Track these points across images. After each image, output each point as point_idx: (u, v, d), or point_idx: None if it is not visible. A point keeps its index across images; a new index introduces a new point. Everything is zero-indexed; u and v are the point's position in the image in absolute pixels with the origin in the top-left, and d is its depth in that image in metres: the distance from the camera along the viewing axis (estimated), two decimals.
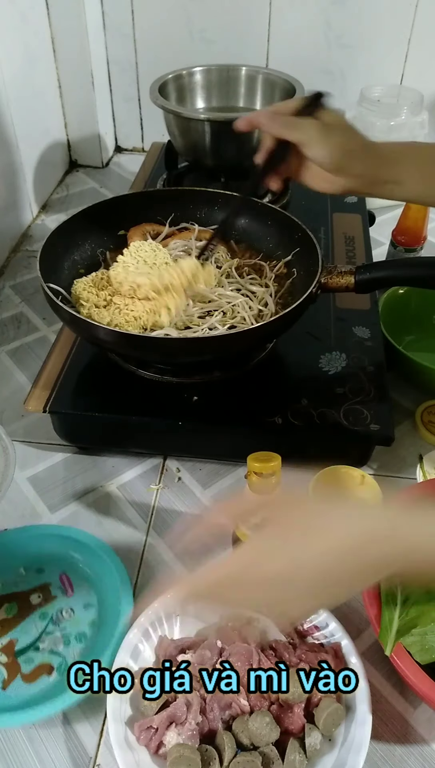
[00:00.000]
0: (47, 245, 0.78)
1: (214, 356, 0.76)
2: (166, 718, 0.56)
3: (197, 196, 0.93)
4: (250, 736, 0.55)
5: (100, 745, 0.59)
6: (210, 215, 0.94)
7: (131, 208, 0.92)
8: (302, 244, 0.84)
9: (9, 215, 1.22)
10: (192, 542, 0.54)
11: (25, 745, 0.59)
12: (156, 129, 1.54)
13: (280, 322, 0.72)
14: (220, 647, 0.62)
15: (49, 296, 0.72)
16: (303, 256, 0.84)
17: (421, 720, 0.61)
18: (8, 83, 1.15)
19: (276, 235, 0.89)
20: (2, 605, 0.67)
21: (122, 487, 0.80)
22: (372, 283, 0.78)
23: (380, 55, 1.37)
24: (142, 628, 0.62)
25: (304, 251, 0.83)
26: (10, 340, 1.02)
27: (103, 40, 1.43)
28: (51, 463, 0.83)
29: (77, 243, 0.87)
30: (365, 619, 0.67)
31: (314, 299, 0.76)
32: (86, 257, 0.88)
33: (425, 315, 1.02)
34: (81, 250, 0.88)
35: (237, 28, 1.37)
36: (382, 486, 0.74)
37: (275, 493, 0.63)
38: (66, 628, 0.66)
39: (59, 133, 1.46)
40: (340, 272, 0.77)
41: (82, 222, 0.86)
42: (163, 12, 1.38)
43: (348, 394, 0.78)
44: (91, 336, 0.72)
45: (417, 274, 0.78)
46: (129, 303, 0.76)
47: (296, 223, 0.85)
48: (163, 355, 0.74)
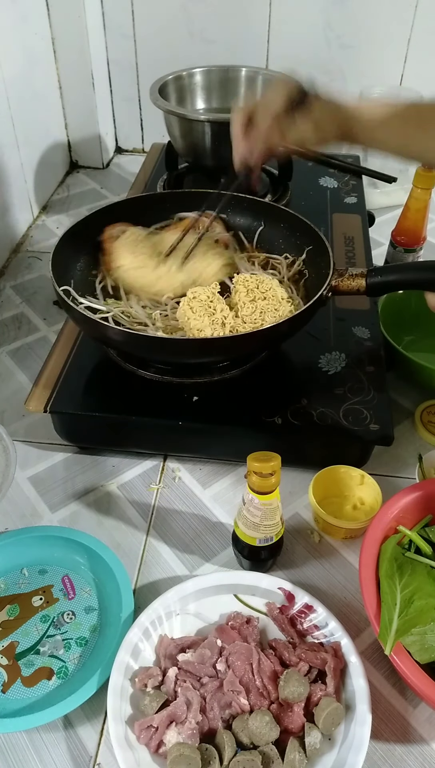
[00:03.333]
0: (59, 247, 0.79)
1: (220, 358, 0.76)
2: (166, 717, 0.56)
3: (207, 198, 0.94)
4: (250, 735, 0.56)
5: (101, 744, 0.59)
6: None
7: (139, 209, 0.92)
8: (314, 247, 0.84)
9: (9, 216, 1.22)
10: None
11: (25, 743, 0.59)
12: (156, 130, 1.54)
13: (290, 323, 0.72)
14: (220, 646, 0.62)
15: (62, 298, 0.73)
16: (315, 259, 0.84)
17: (420, 719, 0.61)
18: (8, 83, 1.16)
19: (287, 237, 0.90)
20: (4, 606, 0.67)
21: (122, 487, 0.81)
22: (384, 287, 0.78)
23: (380, 55, 1.38)
24: (143, 627, 0.62)
25: (315, 254, 0.84)
26: (10, 341, 1.02)
27: (103, 41, 1.43)
28: (51, 463, 0.83)
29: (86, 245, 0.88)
30: (365, 618, 0.67)
31: (325, 302, 0.76)
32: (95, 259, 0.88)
33: (425, 315, 1.01)
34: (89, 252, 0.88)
35: (237, 28, 1.37)
36: (382, 486, 0.74)
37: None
38: (67, 632, 0.66)
39: (60, 133, 1.46)
40: (352, 275, 0.77)
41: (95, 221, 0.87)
42: (163, 12, 1.38)
43: (348, 394, 0.78)
44: (102, 336, 0.73)
45: (429, 278, 0.77)
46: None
47: (308, 226, 0.85)
48: (170, 355, 0.74)
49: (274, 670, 0.60)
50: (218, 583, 0.67)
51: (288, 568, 0.72)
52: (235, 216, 0.94)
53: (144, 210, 0.93)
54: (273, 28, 1.37)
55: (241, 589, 0.67)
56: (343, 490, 0.77)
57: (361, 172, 1.25)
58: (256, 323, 0.75)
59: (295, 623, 0.65)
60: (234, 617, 0.64)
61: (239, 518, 0.67)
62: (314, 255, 0.84)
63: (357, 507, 0.76)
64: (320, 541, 0.75)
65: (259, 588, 0.67)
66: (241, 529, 0.67)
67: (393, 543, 0.63)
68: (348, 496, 0.77)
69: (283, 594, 0.66)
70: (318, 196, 1.17)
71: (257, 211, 0.93)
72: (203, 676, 0.60)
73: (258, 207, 0.93)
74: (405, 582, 0.60)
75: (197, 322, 0.74)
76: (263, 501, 0.63)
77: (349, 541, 0.75)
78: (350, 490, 0.77)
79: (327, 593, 0.70)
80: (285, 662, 0.61)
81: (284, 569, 0.72)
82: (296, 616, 0.65)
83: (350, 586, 0.70)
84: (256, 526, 0.65)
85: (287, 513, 0.77)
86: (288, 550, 0.73)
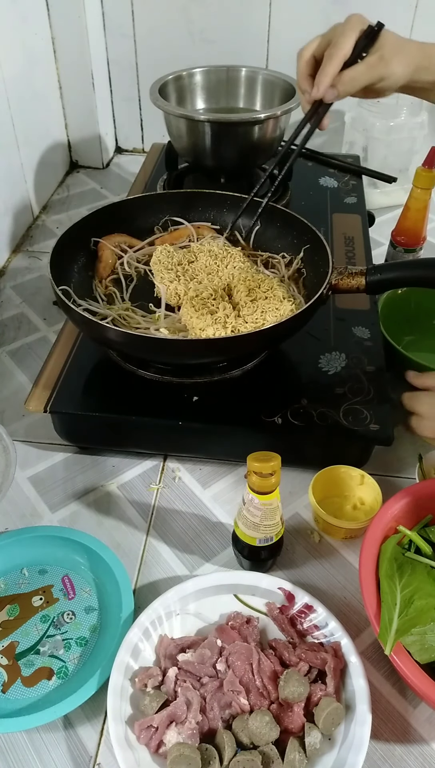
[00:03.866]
0: (57, 248, 0.79)
1: (221, 358, 0.76)
2: (166, 717, 0.56)
3: (207, 197, 0.94)
4: (249, 735, 0.56)
5: (101, 744, 0.59)
6: (218, 216, 0.94)
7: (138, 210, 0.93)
8: (312, 246, 0.84)
9: (10, 216, 1.22)
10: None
11: (25, 743, 0.59)
12: (156, 130, 1.54)
13: (290, 323, 0.72)
14: (220, 646, 0.62)
15: (62, 299, 0.73)
16: (312, 258, 0.84)
17: (420, 719, 0.61)
18: (8, 84, 1.16)
19: (285, 236, 0.90)
20: (4, 606, 0.67)
21: (122, 487, 0.81)
22: (383, 284, 0.78)
23: None
24: (143, 627, 0.62)
25: (313, 252, 0.84)
26: (10, 341, 1.02)
27: (103, 41, 1.43)
28: (51, 463, 0.83)
29: (85, 245, 0.88)
30: (365, 618, 0.67)
31: (325, 301, 0.76)
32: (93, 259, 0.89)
33: (425, 315, 1.02)
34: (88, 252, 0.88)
35: (237, 28, 1.37)
36: (382, 486, 0.74)
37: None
38: (67, 632, 0.66)
39: (60, 133, 1.46)
40: (351, 273, 0.77)
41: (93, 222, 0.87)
42: (163, 12, 1.38)
43: (348, 394, 0.78)
44: (102, 337, 0.73)
45: (428, 275, 0.77)
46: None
47: (306, 225, 0.85)
48: (170, 356, 0.74)
49: (274, 670, 0.60)
50: (218, 583, 0.67)
51: (288, 568, 0.72)
52: (230, 215, 0.94)
53: (144, 210, 0.93)
54: (273, 28, 1.37)
55: (241, 589, 0.67)
56: (343, 490, 0.77)
57: (361, 172, 1.25)
58: (257, 323, 0.75)
59: (295, 623, 0.65)
60: (234, 617, 0.64)
61: (239, 518, 0.67)
62: (312, 254, 0.84)
63: (357, 507, 0.76)
64: (320, 541, 0.75)
65: (259, 588, 0.67)
66: (241, 529, 0.67)
67: (393, 543, 0.63)
68: (348, 496, 0.77)
69: (283, 594, 0.66)
70: (318, 196, 1.17)
71: (253, 211, 0.93)
72: (203, 676, 0.60)
73: (254, 206, 0.92)
74: (405, 582, 0.60)
75: (200, 321, 0.74)
76: (263, 501, 0.63)
77: (349, 541, 0.75)
78: (350, 490, 0.77)
79: (327, 593, 0.70)
80: (285, 662, 0.61)
81: (284, 569, 0.72)
82: (296, 616, 0.65)
83: (350, 586, 0.70)
84: (256, 526, 0.65)
85: (287, 513, 0.77)
86: (288, 550, 0.73)
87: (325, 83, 0.73)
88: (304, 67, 0.76)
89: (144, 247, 0.91)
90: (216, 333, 0.73)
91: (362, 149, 1.34)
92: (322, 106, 0.77)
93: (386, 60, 0.72)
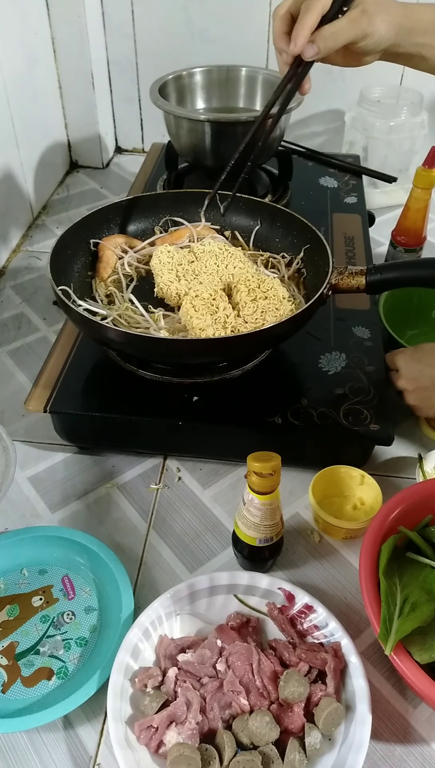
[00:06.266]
0: (57, 248, 0.79)
1: (221, 358, 0.76)
2: (166, 718, 0.56)
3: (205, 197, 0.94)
4: (250, 736, 0.56)
5: (101, 744, 0.59)
6: (218, 216, 0.94)
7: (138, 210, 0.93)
8: (312, 246, 0.84)
9: (9, 216, 1.22)
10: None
11: (25, 743, 0.59)
12: (156, 130, 1.54)
13: (290, 323, 0.72)
14: (220, 646, 0.62)
15: (61, 299, 0.73)
16: (313, 258, 0.84)
17: (420, 719, 0.61)
18: (8, 83, 1.16)
19: (285, 236, 0.90)
20: (4, 606, 0.67)
21: (122, 487, 0.81)
22: (383, 284, 0.78)
23: None
24: (143, 627, 0.62)
25: (313, 252, 0.84)
26: (10, 340, 1.02)
27: (103, 40, 1.43)
28: (51, 463, 0.83)
29: (85, 245, 0.88)
30: (365, 618, 0.67)
31: (325, 300, 0.76)
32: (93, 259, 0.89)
33: (428, 309, 1.02)
34: (88, 252, 0.88)
35: (237, 28, 1.37)
36: (382, 486, 0.74)
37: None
38: (67, 632, 0.66)
39: (59, 133, 1.46)
40: (351, 273, 0.77)
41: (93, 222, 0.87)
42: (164, 12, 1.38)
43: (348, 394, 0.78)
44: (102, 337, 0.73)
45: (429, 275, 0.77)
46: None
47: (306, 225, 0.85)
48: (170, 356, 0.74)
49: (274, 671, 0.60)
50: (218, 584, 0.67)
51: (288, 568, 0.72)
52: (230, 215, 0.94)
53: (144, 210, 0.93)
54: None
55: (241, 589, 0.67)
56: (343, 490, 0.77)
57: (362, 172, 1.25)
58: (257, 323, 0.75)
59: (295, 623, 0.65)
60: (234, 617, 0.64)
61: (239, 518, 0.67)
62: (312, 254, 0.84)
63: (357, 507, 0.76)
64: (320, 541, 0.75)
65: (259, 588, 0.67)
66: (241, 529, 0.67)
67: (393, 543, 0.63)
68: (348, 496, 0.77)
69: (283, 594, 0.66)
70: (318, 196, 1.17)
71: (253, 210, 0.93)
72: (203, 676, 0.60)
73: (254, 206, 0.92)
74: (405, 582, 0.60)
75: (200, 321, 0.74)
76: (263, 501, 0.63)
77: (349, 541, 0.75)
78: (350, 490, 0.77)
79: (327, 593, 0.70)
80: (285, 662, 0.61)
81: (284, 569, 0.72)
82: (296, 616, 0.65)
83: (350, 586, 0.70)
84: (256, 526, 0.65)
85: (287, 513, 0.77)
86: (288, 550, 0.73)
87: (303, 36, 0.67)
88: (279, 24, 0.70)
89: (144, 247, 0.91)
90: (216, 333, 0.73)
91: (362, 149, 1.34)
92: (303, 67, 0.71)
93: (369, 15, 0.67)
